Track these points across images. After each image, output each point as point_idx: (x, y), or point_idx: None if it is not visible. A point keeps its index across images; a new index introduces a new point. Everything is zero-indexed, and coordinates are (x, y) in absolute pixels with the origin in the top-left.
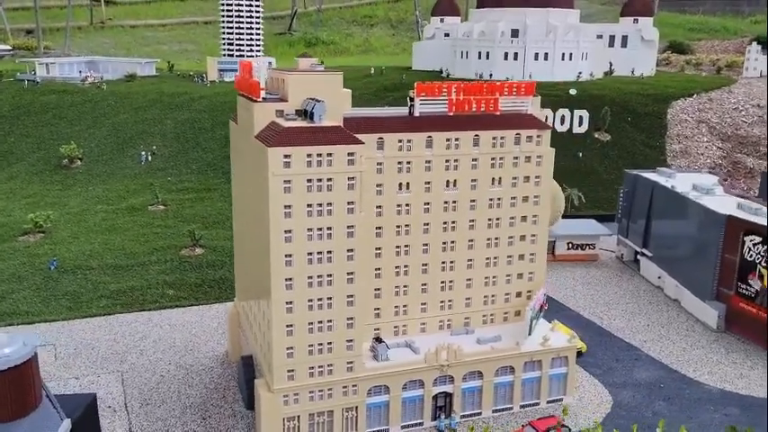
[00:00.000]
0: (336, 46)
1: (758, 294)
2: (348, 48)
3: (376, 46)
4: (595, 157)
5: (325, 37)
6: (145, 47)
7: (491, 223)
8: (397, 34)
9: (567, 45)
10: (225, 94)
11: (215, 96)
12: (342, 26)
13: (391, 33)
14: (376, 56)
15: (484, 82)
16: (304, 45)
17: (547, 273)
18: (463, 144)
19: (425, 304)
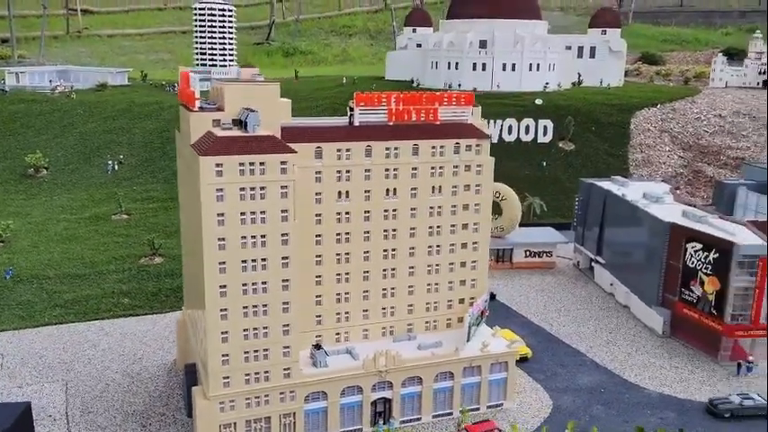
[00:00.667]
0: (314, 56)
1: (699, 300)
2: (326, 57)
3: (354, 56)
4: (559, 166)
5: (303, 47)
6: (121, 56)
7: (432, 231)
8: (375, 44)
9: (534, 56)
10: None
11: None
12: (320, 36)
13: (369, 43)
14: (354, 65)
15: (424, 92)
16: (282, 55)
17: (503, 280)
18: (403, 153)
19: (367, 311)
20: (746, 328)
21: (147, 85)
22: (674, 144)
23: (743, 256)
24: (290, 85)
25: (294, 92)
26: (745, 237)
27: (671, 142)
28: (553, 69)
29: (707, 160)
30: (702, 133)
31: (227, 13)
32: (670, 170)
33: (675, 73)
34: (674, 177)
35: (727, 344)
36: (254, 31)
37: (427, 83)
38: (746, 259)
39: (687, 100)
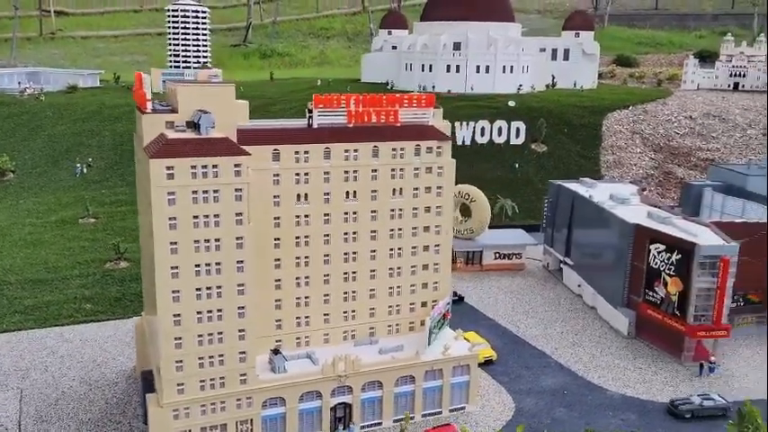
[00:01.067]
0: (292, 58)
1: (663, 301)
2: (303, 60)
3: (332, 58)
4: (531, 168)
5: (280, 49)
6: (95, 58)
7: (393, 234)
8: (353, 46)
9: (507, 58)
10: None
11: None
12: (298, 38)
13: (347, 46)
14: (331, 68)
15: (384, 94)
16: (259, 57)
17: (472, 282)
18: (362, 155)
19: (328, 315)
20: (708, 329)
21: (120, 87)
22: (645, 146)
23: (704, 256)
24: (264, 87)
25: (269, 94)
26: (707, 238)
27: (642, 144)
28: (527, 71)
29: (677, 162)
30: (673, 135)
31: (200, 15)
32: (641, 171)
33: (649, 75)
34: (644, 179)
35: (690, 344)
36: (231, 32)
37: (402, 85)
38: (708, 260)
39: (658, 102)
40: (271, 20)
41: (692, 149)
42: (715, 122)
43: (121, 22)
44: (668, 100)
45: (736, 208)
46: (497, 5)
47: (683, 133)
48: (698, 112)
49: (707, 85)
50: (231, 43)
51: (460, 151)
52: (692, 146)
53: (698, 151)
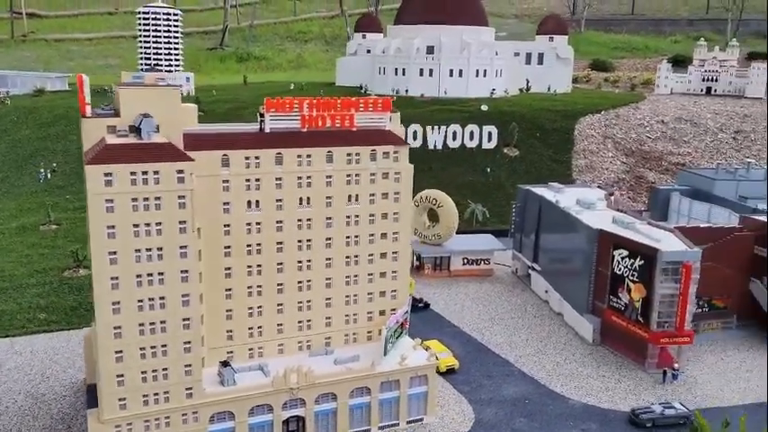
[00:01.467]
0: (269, 61)
1: (627, 307)
2: (281, 63)
3: (309, 61)
4: (503, 172)
5: (257, 52)
6: (68, 61)
7: (349, 241)
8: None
9: (481, 62)
10: None
11: None
12: (275, 42)
13: (325, 49)
14: (308, 71)
15: (340, 98)
16: (236, 60)
17: (440, 289)
18: (316, 160)
19: (282, 325)
20: (672, 335)
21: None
22: (617, 150)
23: (666, 262)
24: (238, 90)
25: (242, 98)
26: (669, 243)
27: (614, 148)
28: (500, 75)
29: (649, 166)
30: (645, 139)
31: (172, 18)
32: (612, 176)
33: (624, 79)
34: (616, 183)
35: (654, 351)
36: (207, 36)
37: (376, 89)
38: (670, 266)
39: (631, 106)
40: (247, 23)
41: (664, 154)
42: (686, 127)
43: (95, 25)
44: (641, 104)
45: (702, 212)
46: (471, 9)
47: (655, 137)
48: (670, 116)
49: (680, 90)
50: (208, 47)
51: (432, 156)
52: (663, 150)
53: (669, 155)
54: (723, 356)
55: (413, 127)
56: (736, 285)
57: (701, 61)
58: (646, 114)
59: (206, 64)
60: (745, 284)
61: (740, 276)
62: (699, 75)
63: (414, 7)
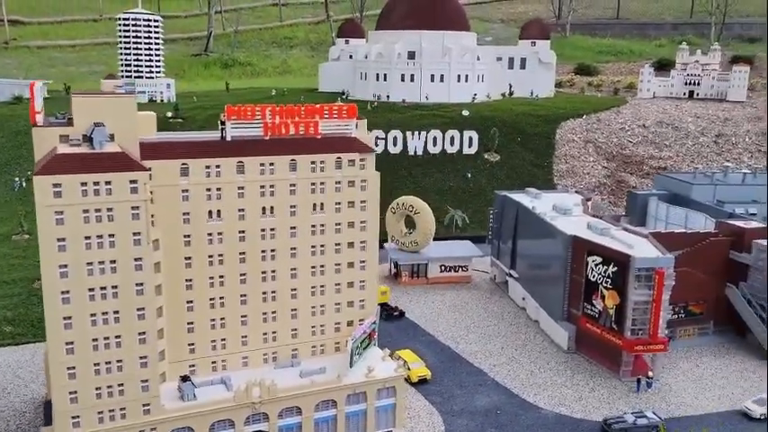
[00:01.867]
0: (253, 67)
1: (601, 315)
2: (266, 69)
3: (294, 67)
4: (484, 178)
5: (242, 58)
6: (50, 68)
7: (315, 250)
8: (317, 56)
9: (462, 67)
10: None
11: None
12: (261, 47)
13: (310, 55)
14: (293, 77)
15: (303, 105)
16: (220, 66)
17: (416, 296)
18: (279, 169)
19: (246, 337)
20: (646, 343)
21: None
22: (599, 154)
23: (639, 269)
24: (220, 97)
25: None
26: (643, 249)
27: (595, 152)
28: (482, 80)
29: (630, 170)
30: (626, 143)
31: (152, 24)
32: (594, 180)
33: (608, 83)
34: (597, 187)
35: (628, 359)
36: (192, 42)
37: (357, 94)
38: (643, 272)
39: (613, 110)
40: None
41: (645, 158)
42: (668, 131)
43: (79, 32)
44: (622, 108)
45: (679, 217)
46: (452, 14)
47: (636, 142)
48: (651, 120)
49: (663, 94)
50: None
51: (412, 161)
52: (644, 154)
53: (650, 159)
54: (699, 363)
55: (393, 133)
56: (713, 291)
57: (683, 65)
58: (627, 118)
59: (190, 70)
60: (722, 290)
61: (716, 282)
62: (681, 79)
63: (395, 12)
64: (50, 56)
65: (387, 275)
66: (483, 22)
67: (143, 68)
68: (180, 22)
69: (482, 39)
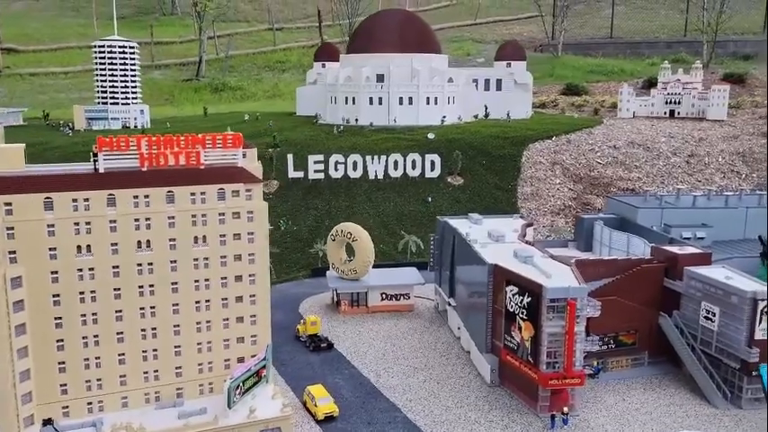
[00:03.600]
0: (243, 91)
1: (519, 347)
2: (255, 93)
3: (284, 91)
4: (446, 202)
5: (233, 83)
6: (41, 95)
7: (198, 285)
8: None
9: (431, 90)
10: (84, 143)
11: (72, 146)
12: (253, 72)
13: (301, 78)
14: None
15: (185, 135)
16: (210, 91)
17: (353, 326)
18: (155, 201)
19: (125, 376)
20: (561, 377)
21: (44, 125)
22: (566, 176)
23: (551, 299)
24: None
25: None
26: (559, 279)
27: (562, 174)
28: (453, 102)
29: (597, 192)
30: (595, 165)
31: (128, 51)
32: (559, 203)
33: (591, 103)
34: (562, 210)
35: (545, 394)
36: (185, 67)
37: (328, 118)
38: (555, 303)
39: (585, 131)
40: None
41: (614, 179)
42: (639, 151)
43: (73, 59)
44: (595, 129)
45: (621, 242)
46: (421, 37)
47: (606, 163)
48: (622, 140)
49: (643, 113)
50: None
51: (372, 186)
52: (613, 175)
53: (619, 181)
54: (626, 397)
55: (352, 157)
56: (646, 320)
57: (663, 84)
58: (598, 139)
59: (180, 95)
60: (656, 319)
61: (649, 311)
62: (662, 98)
63: (364, 36)
64: (42, 83)
65: (329, 304)
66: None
67: (119, 95)
68: (174, 47)
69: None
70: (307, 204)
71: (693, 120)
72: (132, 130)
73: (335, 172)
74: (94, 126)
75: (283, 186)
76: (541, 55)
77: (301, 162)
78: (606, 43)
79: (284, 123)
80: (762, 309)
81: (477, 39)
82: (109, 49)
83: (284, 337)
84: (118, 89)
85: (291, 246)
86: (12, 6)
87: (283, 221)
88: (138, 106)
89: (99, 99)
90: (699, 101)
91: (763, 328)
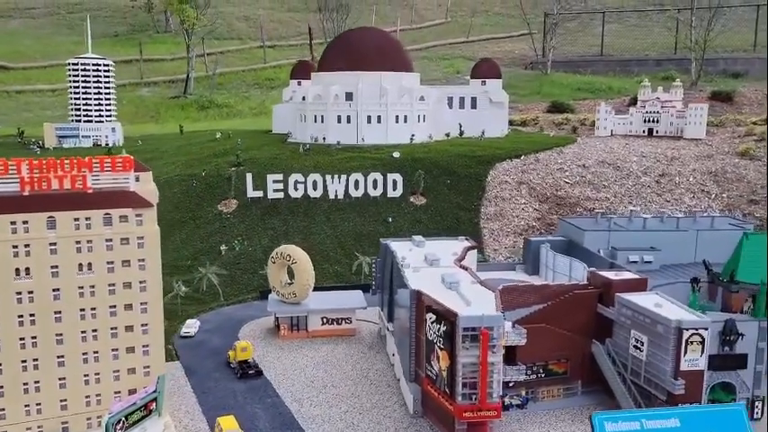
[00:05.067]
0: (230, 109)
1: (438, 377)
2: (242, 110)
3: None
4: (406, 222)
5: (220, 100)
6: (25, 112)
7: (84, 314)
8: None
9: (401, 108)
10: None
11: None
12: (241, 89)
13: None
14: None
15: (71, 158)
16: (197, 108)
17: (289, 352)
18: (34, 227)
19: (4, 410)
20: (476, 408)
21: (15, 143)
22: (531, 196)
23: (465, 328)
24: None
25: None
26: (478, 307)
27: (528, 194)
28: (423, 121)
29: (562, 212)
30: (563, 184)
31: (102, 69)
32: (522, 223)
33: (573, 121)
34: (525, 230)
35: (461, 426)
36: (174, 84)
37: (298, 137)
38: (469, 332)
39: (555, 150)
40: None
41: (580, 199)
42: (608, 171)
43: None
44: (567, 148)
45: (564, 266)
46: (392, 56)
47: (574, 182)
48: (593, 159)
49: (622, 132)
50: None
51: (332, 205)
52: (580, 195)
53: (585, 201)
54: (552, 428)
55: (312, 176)
56: (578, 348)
57: (642, 102)
58: (568, 158)
59: (166, 113)
60: (588, 347)
61: (582, 339)
62: (640, 116)
63: (334, 54)
64: (28, 100)
65: (270, 328)
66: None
67: (92, 112)
68: (165, 65)
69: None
70: (264, 224)
71: (671, 138)
72: (102, 148)
73: (295, 191)
74: (65, 144)
75: (242, 206)
76: (531, 72)
77: (261, 181)
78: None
79: (255, 142)
80: (687, 338)
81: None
82: (83, 66)
83: (215, 363)
84: (91, 107)
85: (244, 267)
86: (8, 24)
87: (238, 242)
88: (110, 124)
89: (72, 117)
90: (677, 119)
91: (689, 358)
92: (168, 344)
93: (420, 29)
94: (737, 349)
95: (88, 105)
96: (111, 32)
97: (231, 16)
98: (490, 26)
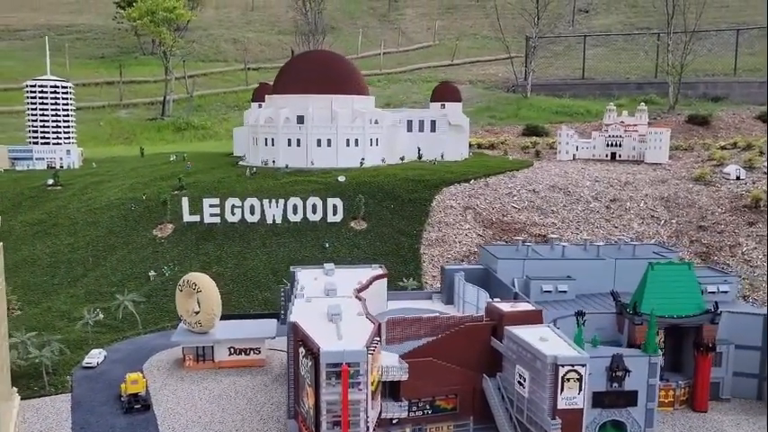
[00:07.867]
0: (207, 130)
1: (307, 415)
2: (218, 132)
3: None
4: (345, 247)
5: (197, 122)
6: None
7: None
8: None
9: (351, 131)
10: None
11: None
12: (221, 111)
13: None
14: None
15: None
16: (173, 130)
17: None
18: None
19: None
20: None
21: None
22: (476, 221)
23: (328, 364)
24: (127, 162)
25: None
26: (348, 341)
27: (473, 219)
28: (377, 144)
29: (506, 238)
30: (510, 209)
31: (60, 90)
32: (464, 249)
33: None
34: (466, 257)
35: None
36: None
37: (251, 160)
38: (333, 369)
39: (507, 174)
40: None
41: (527, 225)
42: (559, 195)
43: None
44: (520, 172)
45: (472, 296)
46: (344, 78)
47: (522, 207)
48: (544, 184)
49: (585, 156)
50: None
51: (270, 230)
52: (526, 221)
53: (532, 227)
54: None
55: (249, 201)
56: (468, 383)
57: (606, 126)
58: (519, 183)
59: (141, 134)
60: (480, 382)
61: (473, 373)
62: (603, 140)
63: (286, 76)
64: (4, 122)
65: (179, 358)
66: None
67: (49, 134)
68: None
69: None
70: (198, 249)
71: (632, 163)
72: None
73: (232, 216)
74: (18, 166)
75: (177, 231)
76: (511, 96)
77: (198, 206)
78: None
79: (206, 164)
80: (563, 375)
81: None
82: (40, 88)
83: (108, 396)
84: (49, 129)
85: (171, 293)
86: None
87: (168, 267)
88: (64, 146)
89: (30, 139)
90: (639, 143)
91: (566, 396)
92: (68, 374)
93: (407, 51)
94: (627, 386)
95: (45, 127)
96: (98, 54)
97: (220, 38)
98: (477, 49)
